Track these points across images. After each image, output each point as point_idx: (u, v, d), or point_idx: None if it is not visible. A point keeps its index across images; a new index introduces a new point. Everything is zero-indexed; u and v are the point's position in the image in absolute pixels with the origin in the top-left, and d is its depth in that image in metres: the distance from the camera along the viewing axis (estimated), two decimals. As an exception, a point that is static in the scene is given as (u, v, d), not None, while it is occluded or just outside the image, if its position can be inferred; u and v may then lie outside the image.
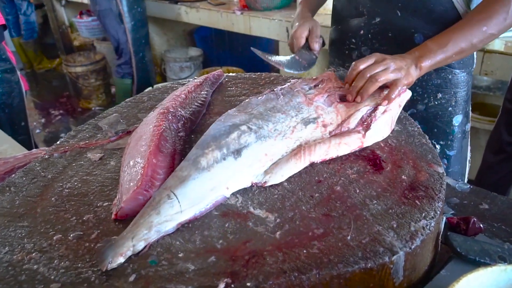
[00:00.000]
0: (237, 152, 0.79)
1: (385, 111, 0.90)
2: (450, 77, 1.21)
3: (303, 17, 1.31)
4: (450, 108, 1.24)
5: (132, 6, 3.64)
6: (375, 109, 0.91)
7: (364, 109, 0.91)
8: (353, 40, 1.29)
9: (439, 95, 1.23)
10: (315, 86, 1.01)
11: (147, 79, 4.02)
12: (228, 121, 0.87)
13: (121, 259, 0.62)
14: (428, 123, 1.25)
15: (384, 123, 0.89)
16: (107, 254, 0.62)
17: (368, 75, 0.93)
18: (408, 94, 0.95)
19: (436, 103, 1.24)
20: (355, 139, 0.85)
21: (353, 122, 0.90)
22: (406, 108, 1.23)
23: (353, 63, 0.97)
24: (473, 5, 1.13)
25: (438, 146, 1.29)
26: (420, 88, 1.23)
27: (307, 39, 1.24)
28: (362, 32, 1.26)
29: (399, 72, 0.93)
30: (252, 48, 1.23)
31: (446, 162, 1.30)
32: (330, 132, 0.88)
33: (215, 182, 0.73)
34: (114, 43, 3.81)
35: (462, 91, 1.24)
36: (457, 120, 1.26)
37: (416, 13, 1.15)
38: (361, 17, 1.25)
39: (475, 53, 1.22)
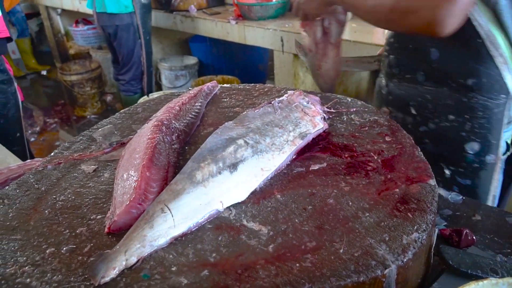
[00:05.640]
0: (233, 167, 0.79)
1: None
2: (465, 100, 1.12)
3: None
4: (463, 133, 1.15)
5: (146, 20, 3.58)
6: None
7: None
8: (387, 47, 1.30)
9: (451, 117, 1.15)
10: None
11: (151, 91, 4.01)
12: (225, 134, 0.87)
13: (114, 273, 0.62)
14: (439, 143, 1.19)
15: None
16: (100, 268, 0.62)
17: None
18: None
19: (448, 124, 1.16)
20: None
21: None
22: (419, 124, 1.20)
23: None
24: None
25: (447, 171, 1.20)
26: (432, 105, 1.18)
27: None
28: (392, 40, 1.27)
29: None
30: None
31: (457, 190, 1.16)
32: None
33: (209, 197, 0.73)
34: (125, 59, 3.68)
35: (480, 118, 1.13)
36: (471, 147, 1.15)
37: None
38: None
39: (508, 78, 1.07)
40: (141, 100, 3.13)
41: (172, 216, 0.69)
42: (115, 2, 3.41)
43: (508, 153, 1.22)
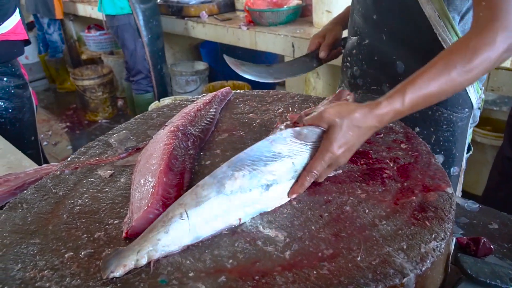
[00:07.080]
0: (267, 187, 0.76)
1: None
2: (430, 113, 1.14)
3: (328, 24, 1.38)
4: (429, 145, 1.13)
5: (148, 20, 3.66)
6: None
7: None
8: (349, 58, 1.28)
9: (417, 129, 1.17)
10: None
11: (165, 92, 4.04)
12: (276, 146, 0.79)
13: (123, 271, 0.62)
14: None
15: None
16: (111, 263, 0.63)
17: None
18: None
19: None
20: None
21: None
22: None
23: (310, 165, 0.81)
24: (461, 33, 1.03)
25: None
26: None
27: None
28: (354, 51, 1.25)
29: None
30: (225, 56, 1.32)
31: None
32: None
33: (230, 212, 0.72)
34: (130, 59, 3.78)
35: (444, 131, 1.15)
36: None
37: (400, 41, 1.11)
38: (355, 36, 1.24)
39: (471, 93, 1.11)
40: (153, 105, 3.16)
41: (189, 224, 0.68)
42: (112, 4, 3.56)
43: (471, 152, 1.27)
